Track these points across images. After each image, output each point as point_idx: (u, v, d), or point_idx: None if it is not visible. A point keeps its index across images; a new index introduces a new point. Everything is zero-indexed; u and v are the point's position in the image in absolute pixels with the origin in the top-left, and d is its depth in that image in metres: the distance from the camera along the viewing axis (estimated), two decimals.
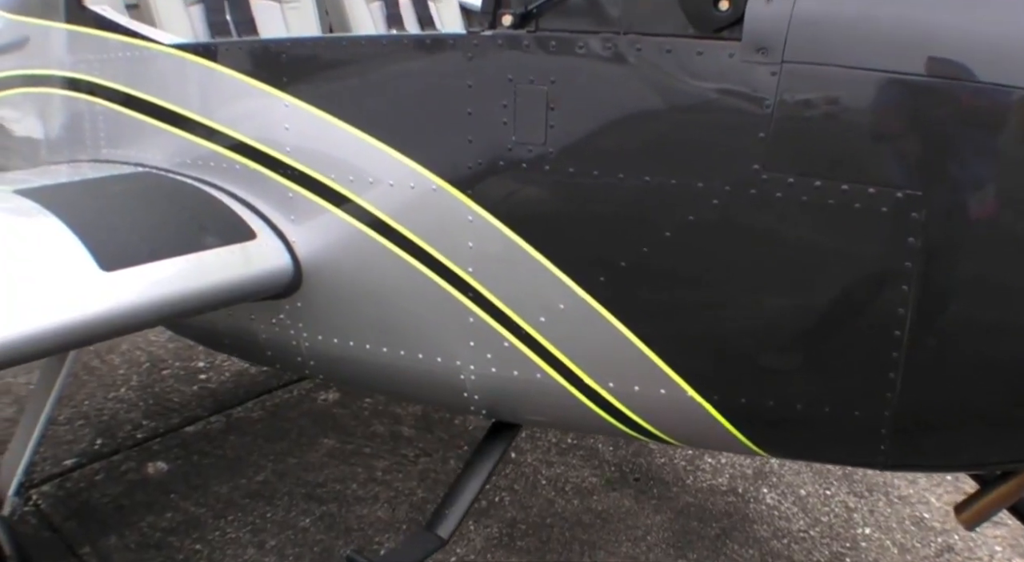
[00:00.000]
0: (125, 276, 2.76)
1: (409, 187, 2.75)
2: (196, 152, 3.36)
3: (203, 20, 4.07)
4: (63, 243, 2.78)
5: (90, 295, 2.70)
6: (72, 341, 2.72)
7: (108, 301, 2.71)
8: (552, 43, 2.44)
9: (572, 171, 2.48)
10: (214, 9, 4.08)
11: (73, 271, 2.72)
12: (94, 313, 2.69)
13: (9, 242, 2.85)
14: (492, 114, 2.56)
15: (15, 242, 2.85)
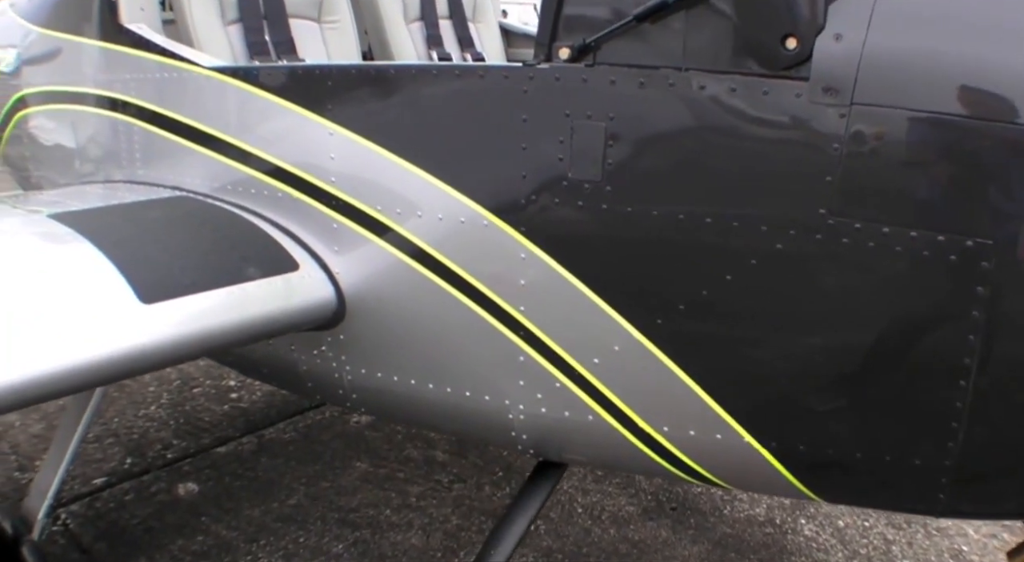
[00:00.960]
0: (165, 309, 2.70)
1: (459, 221, 2.68)
2: (235, 177, 3.31)
3: (241, 40, 4.00)
4: (102, 274, 2.72)
5: (130, 329, 2.63)
6: (112, 375, 2.66)
7: (148, 335, 2.65)
8: (611, 78, 2.37)
9: (630, 210, 2.41)
10: (253, 29, 4.02)
11: (112, 304, 2.66)
12: (134, 347, 2.62)
13: (47, 272, 2.79)
14: (547, 149, 2.48)
15: (53, 272, 2.80)
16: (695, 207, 2.32)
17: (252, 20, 4.01)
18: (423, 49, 4.83)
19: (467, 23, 5.09)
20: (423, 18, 4.90)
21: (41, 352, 2.47)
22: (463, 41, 5.03)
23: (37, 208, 3.66)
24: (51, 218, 3.10)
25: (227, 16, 3.97)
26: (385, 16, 4.67)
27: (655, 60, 2.33)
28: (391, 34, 4.67)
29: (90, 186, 4.06)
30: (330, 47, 4.24)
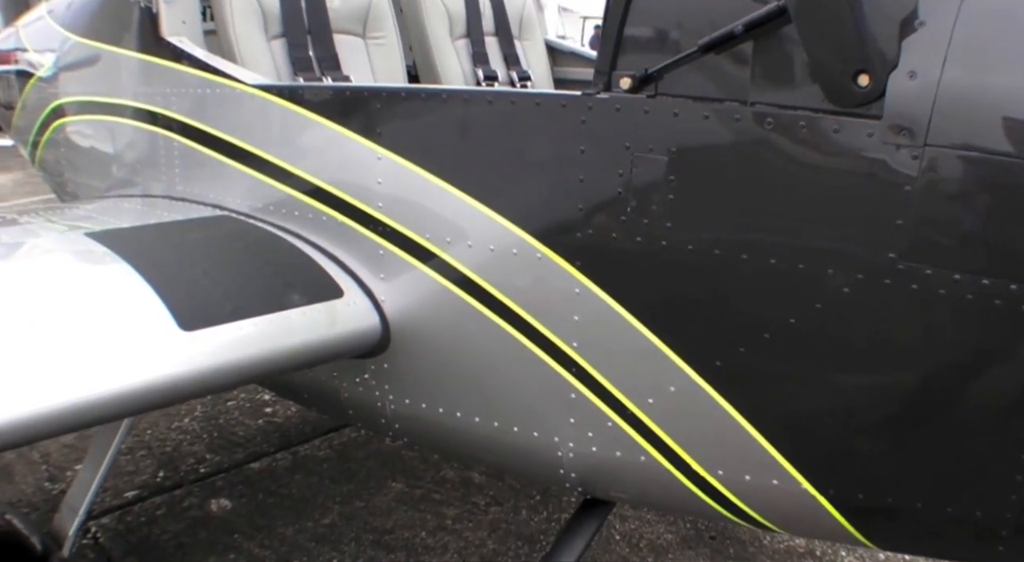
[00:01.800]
0: (206, 336, 2.64)
1: (511, 253, 2.60)
2: (278, 199, 3.25)
3: (285, 55, 3.94)
4: (141, 299, 2.67)
5: (170, 356, 2.58)
6: (150, 404, 2.61)
7: (188, 363, 2.60)
8: (674, 110, 2.28)
9: (692, 248, 2.32)
10: (297, 45, 3.96)
11: (152, 330, 2.60)
12: (173, 375, 2.57)
13: (85, 295, 2.74)
14: (606, 183, 2.40)
15: (91, 296, 2.75)
16: (759, 247, 2.23)
17: (296, 35, 3.94)
18: (468, 66, 4.76)
19: (513, 40, 5.01)
20: (469, 35, 4.83)
21: (79, 379, 2.42)
22: (509, 59, 4.96)
23: (75, 224, 3.61)
24: (89, 237, 3.06)
25: (270, 31, 3.91)
26: (431, 33, 4.60)
27: (720, 92, 2.24)
28: (436, 51, 4.60)
29: (128, 200, 4.02)
30: (375, 63, 4.17)
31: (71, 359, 2.45)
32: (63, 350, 2.47)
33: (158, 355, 2.56)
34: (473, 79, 4.75)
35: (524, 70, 4.97)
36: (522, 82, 4.91)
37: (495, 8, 4.93)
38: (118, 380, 2.47)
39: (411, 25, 4.64)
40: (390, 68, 4.22)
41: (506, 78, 4.89)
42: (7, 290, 2.72)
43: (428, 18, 4.60)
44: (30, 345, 2.47)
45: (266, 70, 3.79)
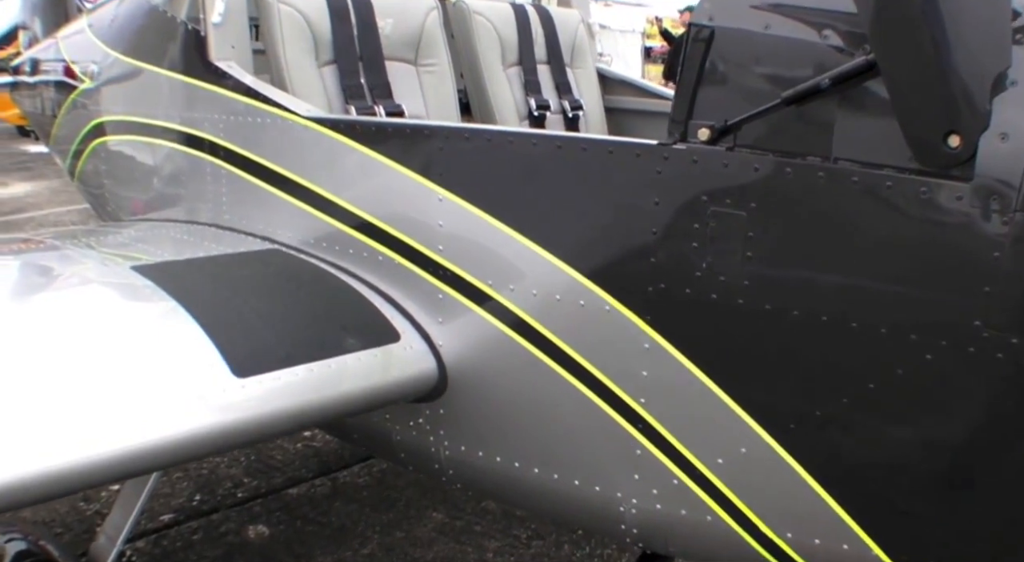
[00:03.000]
0: (260, 383, 2.57)
1: (578, 304, 2.53)
2: (332, 234, 3.18)
3: (336, 82, 3.84)
4: (194, 343, 2.60)
5: (224, 405, 2.51)
6: (204, 452, 2.57)
7: (242, 411, 2.53)
8: (755, 164, 2.20)
9: (769, 307, 2.24)
10: (348, 72, 3.87)
11: (206, 377, 2.54)
12: (227, 424, 2.51)
13: (136, 337, 2.68)
14: (681, 236, 2.33)
15: (142, 337, 2.69)
16: (840, 309, 2.15)
17: (347, 62, 3.86)
18: (520, 95, 4.66)
19: (565, 68, 4.92)
20: (521, 63, 4.73)
21: (131, 427, 2.36)
22: (561, 87, 4.86)
23: (120, 253, 3.55)
24: (136, 271, 2.99)
25: (321, 57, 3.83)
26: (483, 61, 4.51)
27: (803, 147, 2.16)
28: (489, 79, 4.51)
29: (173, 226, 3.95)
30: (426, 91, 4.10)
31: (123, 406, 2.39)
32: (113, 396, 2.41)
33: (212, 403, 2.50)
34: (525, 108, 4.66)
35: (576, 99, 4.87)
36: (574, 111, 4.82)
37: (547, 35, 4.83)
38: (170, 428, 2.41)
39: (463, 52, 4.55)
40: (442, 96, 4.14)
41: (558, 107, 4.79)
42: (52, 329, 2.66)
43: (480, 45, 4.51)
44: (80, 391, 2.40)
45: (316, 97, 3.71)
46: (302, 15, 3.76)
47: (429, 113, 4.04)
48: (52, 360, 2.49)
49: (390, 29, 4.02)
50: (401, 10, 4.08)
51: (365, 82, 3.88)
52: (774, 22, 2.24)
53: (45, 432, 2.25)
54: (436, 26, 4.16)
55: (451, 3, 4.54)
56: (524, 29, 4.70)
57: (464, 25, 4.51)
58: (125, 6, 4.72)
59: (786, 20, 2.24)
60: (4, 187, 12.49)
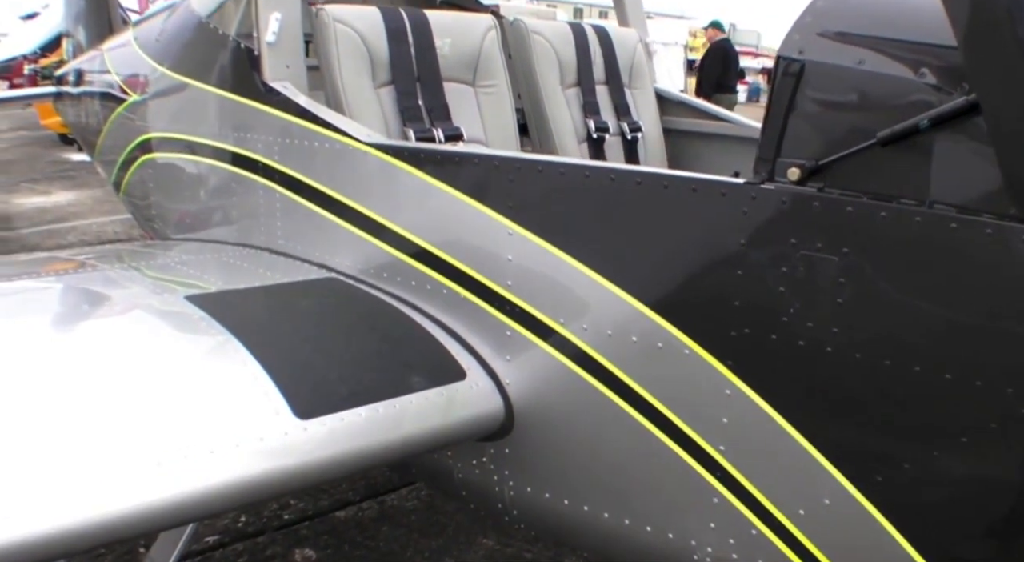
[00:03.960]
0: (323, 425, 2.48)
1: (655, 346, 2.44)
2: (393, 265, 3.11)
3: (393, 104, 3.77)
4: (254, 381, 2.52)
5: (286, 448, 2.43)
6: (266, 496, 2.48)
7: (304, 455, 2.45)
8: (848, 207, 2.10)
9: (859, 357, 2.13)
10: (406, 94, 3.79)
11: (268, 419, 2.45)
12: (289, 467, 2.43)
13: (192, 374, 2.61)
14: (767, 280, 2.23)
15: (199, 375, 2.61)
16: (935, 360, 2.04)
17: (405, 84, 3.78)
18: (579, 116, 4.56)
19: (623, 89, 4.82)
20: (580, 84, 4.64)
21: (190, 471, 2.27)
22: (619, 108, 4.76)
23: (171, 279, 3.48)
24: (189, 301, 2.92)
25: (378, 78, 3.75)
26: (542, 81, 4.42)
27: (898, 190, 2.06)
28: (547, 100, 4.42)
29: (226, 250, 3.88)
30: (485, 113, 4.01)
31: (177, 449, 2.30)
32: (167, 439, 2.32)
33: (273, 446, 2.41)
34: (584, 130, 4.56)
35: (635, 121, 4.77)
36: (633, 133, 4.72)
37: (606, 55, 4.74)
38: (228, 473, 2.32)
39: (521, 72, 4.46)
40: (501, 119, 4.05)
41: (616, 129, 4.69)
42: (102, 364, 2.58)
43: (539, 66, 4.42)
44: (131, 432, 2.31)
45: (373, 119, 3.64)
46: (359, 35, 3.69)
47: (488, 136, 3.96)
48: (102, 398, 2.41)
49: (448, 49, 3.94)
50: (459, 30, 4.01)
51: (423, 104, 3.80)
52: (867, 57, 2.14)
53: (94, 478, 2.16)
54: (494, 46, 4.08)
55: (508, 22, 4.45)
56: (583, 49, 4.61)
57: (522, 45, 4.43)
58: (172, 20, 4.67)
59: (880, 55, 2.14)
60: (47, 196, 12.50)
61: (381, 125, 3.65)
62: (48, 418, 2.28)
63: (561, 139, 4.43)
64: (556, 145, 4.42)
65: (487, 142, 3.95)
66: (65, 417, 2.30)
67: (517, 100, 4.35)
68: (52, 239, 10.00)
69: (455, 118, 3.85)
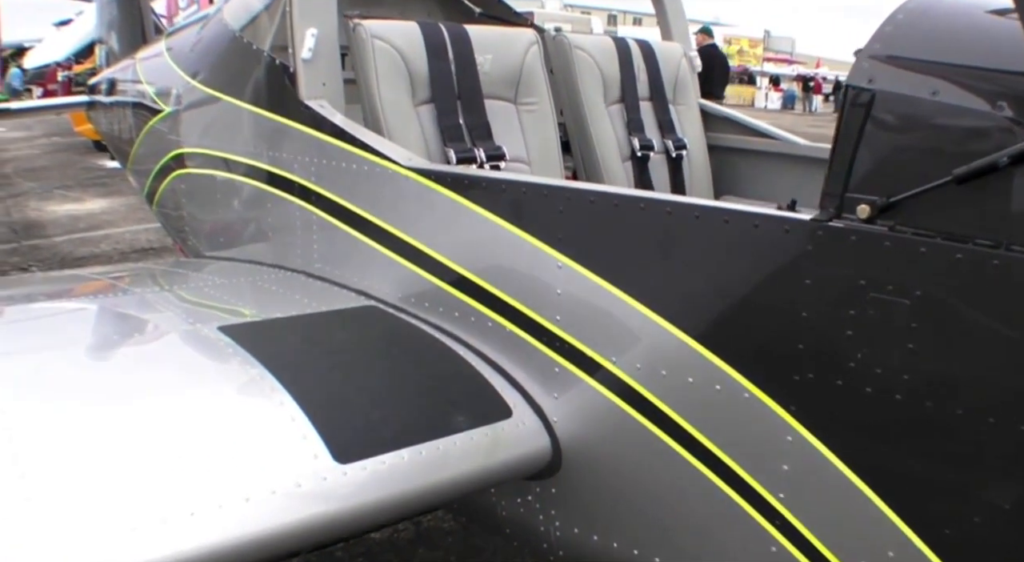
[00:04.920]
0: (364, 469, 2.37)
1: (713, 388, 2.32)
2: (434, 294, 3.01)
3: (433, 123, 3.64)
4: (291, 423, 2.41)
5: (324, 493, 2.32)
6: (298, 546, 2.36)
7: (344, 500, 2.34)
8: (921, 248, 1.98)
9: (931, 405, 2.01)
10: (446, 112, 3.66)
11: (306, 463, 2.34)
12: (328, 514, 2.32)
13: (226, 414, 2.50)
14: (833, 322, 2.11)
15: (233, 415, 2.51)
16: (1009, 412, 1.92)
17: (445, 102, 3.66)
18: (623, 134, 4.42)
19: (668, 106, 4.68)
20: (623, 100, 4.50)
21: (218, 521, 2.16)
22: (663, 125, 4.62)
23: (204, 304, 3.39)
24: (223, 332, 2.80)
25: (418, 96, 3.62)
26: (585, 98, 4.29)
27: (975, 231, 1.93)
28: (591, 118, 4.29)
29: (261, 271, 3.78)
30: (527, 131, 3.87)
31: (208, 495, 2.19)
32: (196, 484, 2.21)
33: (311, 492, 2.30)
34: (628, 148, 4.42)
35: (679, 138, 4.63)
36: (678, 151, 4.57)
37: (650, 71, 4.59)
38: (263, 522, 2.21)
39: (563, 89, 4.33)
40: (543, 137, 3.92)
41: (661, 146, 4.54)
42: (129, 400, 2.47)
43: (582, 82, 4.29)
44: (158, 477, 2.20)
45: (413, 138, 3.52)
46: (398, 51, 3.57)
47: (530, 155, 3.84)
48: (134, 441, 2.30)
49: (489, 66, 3.81)
50: (501, 45, 3.88)
51: (464, 122, 3.68)
52: (942, 87, 2.02)
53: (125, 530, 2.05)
54: (536, 62, 3.94)
55: (550, 36, 4.33)
56: (626, 64, 4.47)
57: (564, 60, 4.30)
58: (205, 32, 4.59)
59: (955, 86, 2.02)
60: (80, 203, 12.51)
61: (421, 145, 3.53)
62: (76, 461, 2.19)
63: (605, 158, 4.31)
64: (600, 164, 4.29)
65: (530, 162, 3.83)
66: (94, 461, 2.20)
67: (559, 116, 4.22)
68: (85, 247, 9.97)
69: (497, 137, 3.73)
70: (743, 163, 4.84)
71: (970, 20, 2.22)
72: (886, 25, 2.15)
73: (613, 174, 4.32)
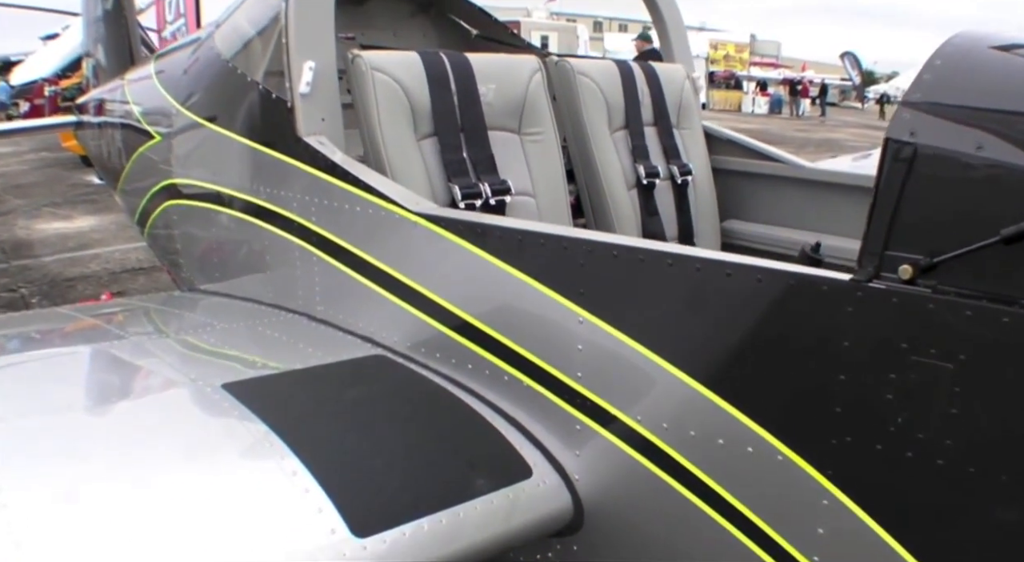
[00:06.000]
0: (383, 542, 2.25)
1: (745, 450, 2.23)
2: (446, 345, 2.91)
3: (437, 157, 3.49)
4: (306, 495, 2.29)
5: None
6: None
7: None
8: (967, 311, 1.88)
9: (974, 471, 1.93)
10: (450, 146, 3.52)
11: (320, 538, 2.21)
12: None
13: (233, 487, 2.36)
14: (873, 386, 2.02)
15: (240, 487, 2.36)
16: None
17: (449, 135, 3.52)
18: (628, 162, 4.30)
19: (672, 130, 4.57)
20: (628, 126, 4.39)
21: None
22: (668, 151, 4.51)
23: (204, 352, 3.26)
24: (228, 391, 2.67)
25: (420, 129, 3.49)
26: (589, 126, 4.18)
27: (1022, 292, 1.84)
28: (595, 145, 4.18)
29: (263, 313, 3.65)
30: (532, 163, 3.75)
31: None
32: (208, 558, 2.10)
33: None
34: (633, 176, 4.30)
35: (684, 163, 4.51)
36: (683, 177, 4.46)
37: (654, 95, 4.48)
38: None
39: (567, 116, 4.21)
40: (548, 168, 3.79)
41: (666, 174, 4.43)
42: (132, 476, 2.32)
43: (586, 109, 4.18)
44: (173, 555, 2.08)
45: (416, 174, 3.39)
46: (399, 84, 3.42)
47: (536, 188, 3.72)
48: (131, 514, 2.17)
49: (492, 96, 3.69)
50: (503, 74, 3.74)
51: (468, 156, 3.55)
52: (988, 142, 1.93)
53: None
54: (540, 90, 3.82)
55: (553, 62, 4.22)
56: (630, 89, 4.36)
57: (568, 87, 4.18)
58: (196, 58, 4.45)
59: (1002, 140, 1.93)
60: (69, 221, 12.34)
61: (424, 181, 3.40)
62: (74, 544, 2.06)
63: (610, 186, 4.19)
64: (605, 193, 4.18)
65: (535, 195, 3.71)
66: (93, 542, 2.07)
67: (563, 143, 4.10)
68: (75, 267, 9.82)
69: (501, 170, 3.61)
70: (748, 186, 4.74)
71: (1011, 63, 2.12)
72: (924, 72, 2.06)
73: (619, 203, 4.21)
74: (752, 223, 4.73)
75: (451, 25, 5.46)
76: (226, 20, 4.38)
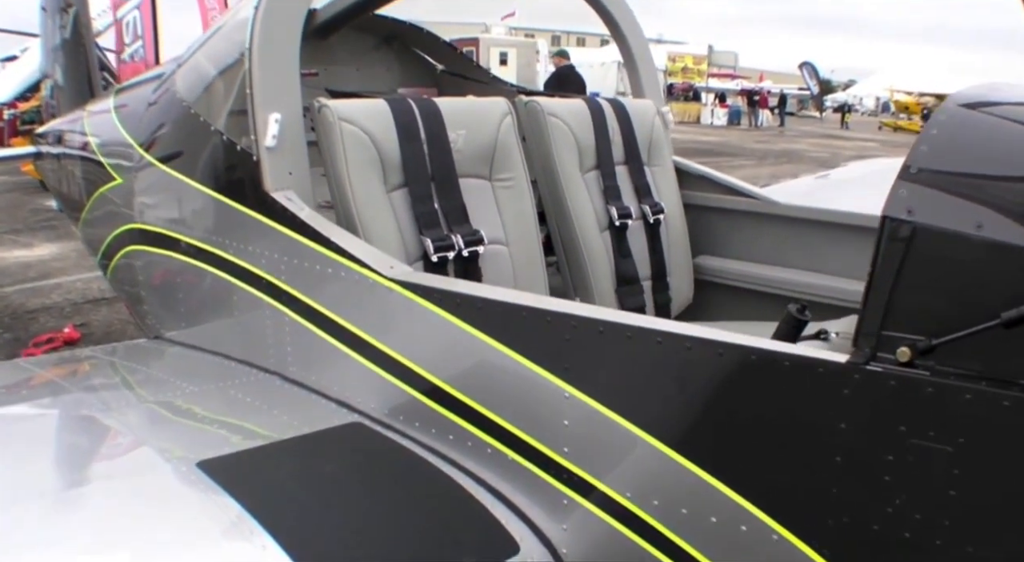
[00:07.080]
0: None
1: (739, 529, 2.19)
2: (425, 415, 2.82)
3: (407, 209, 3.40)
4: None
5: None
6: None
7: None
8: (966, 394, 1.84)
9: (971, 551, 1.91)
10: (421, 197, 3.42)
11: None
12: None
13: None
14: (871, 467, 1.99)
15: None
16: None
17: (419, 186, 3.42)
18: (600, 203, 4.24)
19: (643, 168, 4.51)
20: (599, 167, 4.32)
21: None
22: (640, 190, 4.44)
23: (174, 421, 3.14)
24: (202, 470, 2.56)
25: (390, 182, 3.39)
26: (560, 167, 4.10)
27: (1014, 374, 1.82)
28: (567, 187, 4.10)
29: (233, 371, 3.53)
30: (503, 209, 3.66)
31: None
32: None
33: None
34: (606, 218, 4.24)
35: (656, 202, 4.45)
36: (655, 215, 4.41)
37: (624, 133, 4.42)
38: None
39: (537, 157, 4.14)
40: (520, 214, 3.71)
41: (638, 213, 4.37)
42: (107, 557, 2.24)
43: (557, 150, 4.10)
44: None
45: (387, 228, 3.29)
46: (367, 134, 3.31)
47: (508, 235, 3.64)
48: None
49: (462, 142, 3.59)
50: (473, 119, 3.65)
51: (439, 207, 3.46)
52: (987, 220, 1.89)
53: None
54: (511, 134, 3.73)
55: (522, 103, 4.14)
56: (600, 128, 4.29)
57: (538, 128, 4.10)
58: (156, 99, 4.31)
59: (1002, 218, 1.90)
60: (29, 249, 12.15)
61: (395, 234, 3.30)
62: None
63: (582, 228, 4.12)
64: (577, 236, 4.11)
65: (507, 243, 3.63)
66: None
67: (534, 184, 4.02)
68: (37, 298, 9.66)
69: (473, 219, 3.52)
70: (720, 222, 4.71)
71: (1011, 132, 2.08)
72: (921, 144, 2.02)
73: (591, 246, 4.14)
74: (724, 258, 4.70)
75: (415, 59, 5.38)
76: (188, 59, 4.26)
